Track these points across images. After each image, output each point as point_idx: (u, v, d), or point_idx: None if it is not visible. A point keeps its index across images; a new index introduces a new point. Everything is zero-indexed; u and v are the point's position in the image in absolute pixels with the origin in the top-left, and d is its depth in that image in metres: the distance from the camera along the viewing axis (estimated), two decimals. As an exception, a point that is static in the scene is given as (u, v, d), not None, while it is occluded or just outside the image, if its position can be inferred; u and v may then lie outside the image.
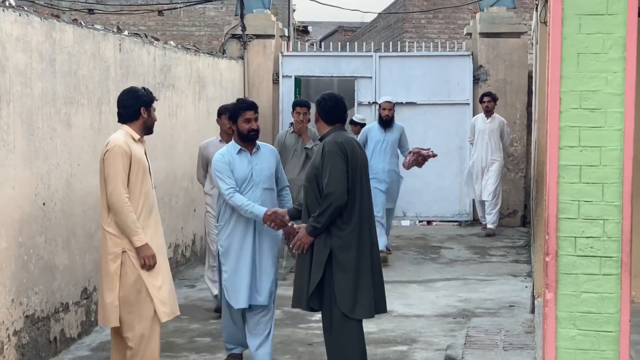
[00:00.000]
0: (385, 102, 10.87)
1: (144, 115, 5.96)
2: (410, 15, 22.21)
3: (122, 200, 5.70)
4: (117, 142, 5.77)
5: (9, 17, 6.08)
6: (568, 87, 4.79)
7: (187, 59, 10.66)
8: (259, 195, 6.31)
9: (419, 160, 10.44)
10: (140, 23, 20.58)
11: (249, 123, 6.34)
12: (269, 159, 6.47)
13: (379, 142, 10.68)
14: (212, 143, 7.96)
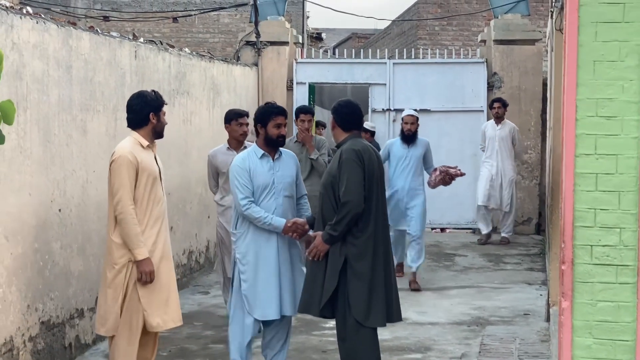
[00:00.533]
0: (407, 116, 10.07)
1: (153, 121, 5.86)
2: (424, 22, 22.20)
3: (127, 211, 5.63)
4: (122, 152, 5.69)
5: (26, 25, 6.12)
6: (584, 95, 4.78)
7: (201, 66, 10.69)
8: (280, 202, 6.15)
9: (445, 180, 9.68)
10: (155, 30, 20.66)
11: (279, 128, 6.17)
12: (290, 165, 6.30)
13: (402, 159, 9.94)
14: (220, 151, 7.77)
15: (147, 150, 5.82)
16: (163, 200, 5.87)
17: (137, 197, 5.68)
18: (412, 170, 9.95)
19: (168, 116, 9.28)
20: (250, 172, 6.10)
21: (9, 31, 5.86)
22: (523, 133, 13.99)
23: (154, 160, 5.85)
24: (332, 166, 5.86)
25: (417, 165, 9.98)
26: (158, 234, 5.80)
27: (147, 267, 5.67)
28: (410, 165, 9.94)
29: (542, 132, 13.80)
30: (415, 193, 9.95)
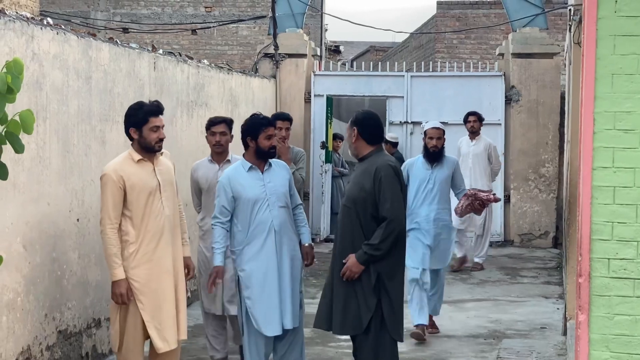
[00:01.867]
0: (432, 129, 8.17)
1: (134, 136, 5.67)
2: (442, 36, 22.22)
3: (105, 231, 5.56)
4: (107, 170, 5.62)
5: (46, 35, 6.18)
6: (602, 108, 4.77)
7: (220, 78, 10.74)
8: (276, 214, 6.04)
9: (475, 206, 8.08)
10: (174, 42, 20.78)
11: (270, 140, 6.10)
12: (281, 175, 6.19)
13: (424, 182, 8.05)
14: (202, 164, 7.04)
15: (141, 164, 5.65)
16: (163, 215, 5.67)
17: (129, 213, 5.57)
18: (438, 196, 8.05)
19: (185, 128, 9.38)
20: (233, 190, 6.03)
21: (29, 42, 5.92)
22: (540, 146, 13.96)
23: (150, 174, 5.66)
24: (361, 181, 5.71)
25: (444, 189, 8.12)
26: (155, 250, 5.64)
27: (118, 288, 5.56)
28: (435, 189, 8.04)
29: (560, 146, 13.76)
30: (441, 224, 8.07)
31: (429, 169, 8.06)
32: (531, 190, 14.04)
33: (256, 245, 6.00)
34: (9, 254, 5.63)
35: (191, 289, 8.72)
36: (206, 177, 6.85)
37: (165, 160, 5.86)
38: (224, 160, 6.90)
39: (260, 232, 6.02)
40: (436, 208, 8.03)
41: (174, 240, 5.75)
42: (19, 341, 5.84)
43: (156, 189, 5.63)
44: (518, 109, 14.03)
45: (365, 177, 5.70)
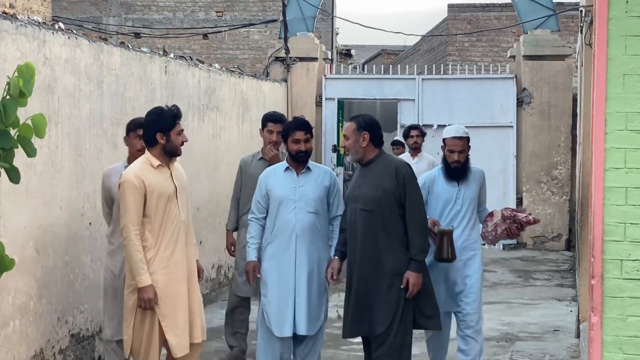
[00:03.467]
0: (453, 140, 6.40)
1: (161, 141, 5.49)
2: (454, 38, 22.20)
3: (129, 237, 5.42)
4: (127, 176, 5.47)
5: (58, 40, 6.20)
6: (613, 109, 4.75)
7: (231, 82, 10.76)
8: (301, 218, 5.97)
9: (513, 230, 6.44)
10: (185, 46, 20.84)
11: (297, 144, 6.02)
12: (319, 181, 6.07)
13: (450, 202, 6.40)
14: (116, 170, 6.09)
15: (159, 169, 5.54)
16: (178, 219, 5.59)
17: (148, 219, 5.48)
18: (467, 219, 6.45)
19: (197, 131, 9.40)
20: (266, 185, 6.07)
21: (41, 46, 5.94)
22: (553, 149, 13.92)
23: (168, 179, 5.57)
24: (380, 183, 5.69)
25: (473, 210, 6.51)
26: (172, 255, 5.55)
27: (146, 294, 5.41)
28: (463, 211, 6.44)
29: (572, 148, 13.72)
30: (470, 254, 6.44)
31: (454, 186, 6.41)
32: (544, 193, 14.01)
33: (277, 245, 6.01)
34: (21, 258, 5.65)
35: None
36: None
37: (178, 165, 5.81)
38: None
39: (282, 233, 6.00)
40: (465, 234, 6.40)
41: (188, 244, 5.70)
42: (32, 344, 5.86)
43: (173, 194, 5.56)
44: (530, 111, 14.00)
45: (383, 178, 5.68)
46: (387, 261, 5.67)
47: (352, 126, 5.82)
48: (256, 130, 11.82)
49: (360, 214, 5.71)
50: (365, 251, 5.69)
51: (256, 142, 9.88)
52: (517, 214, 6.49)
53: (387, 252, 5.67)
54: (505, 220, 6.44)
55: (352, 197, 5.83)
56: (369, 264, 5.69)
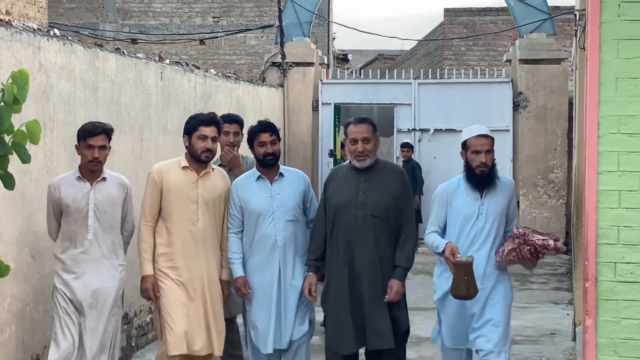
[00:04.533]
0: (478, 139, 5.44)
1: (185, 144, 5.69)
2: (450, 43, 22.24)
3: (139, 227, 5.64)
4: (153, 168, 5.73)
5: (53, 46, 6.22)
6: (606, 112, 4.78)
7: (227, 87, 10.77)
8: (281, 228, 5.64)
9: (524, 254, 5.30)
10: (182, 52, 20.85)
11: (263, 147, 5.68)
12: (294, 186, 5.75)
13: (472, 218, 5.41)
14: (66, 180, 5.64)
15: (185, 171, 5.64)
16: (196, 226, 5.60)
17: (163, 214, 5.64)
18: (491, 239, 5.43)
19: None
20: (239, 198, 5.72)
21: (36, 53, 5.96)
22: (549, 152, 13.94)
23: (191, 184, 5.61)
24: (389, 188, 5.49)
25: (499, 228, 5.46)
26: (182, 258, 5.59)
27: (144, 283, 5.60)
28: (487, 229, 5.43)
29: (569, 152, 13.75)
30: (495, 281, 5.44)
31: (477, 198, 5.43)
32: (540, 197, 14.03)
33: (258, 259, 5.69)
34: (17, 264, 5.65)
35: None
36: (74, 197, 5.57)
37: (217, 178, 5.76)
38: (99, 178, 5.68)
39: (263, 247, 5.68)
40: (489, 257, 5.41)
41: (207, 256, 5.66)
42: (28, 351, 5.86)
43: (193, 200, 5.59)
44: (526, 115, 14.03)
45: (391, 183, 5.50)
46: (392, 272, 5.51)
47: (370, 128, 5.52)
48: (253, 135, 11.85)
49: (370, 220, 5.42)
50: (375, 259, 5.44)
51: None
52: (534, 234, 5.27)
53: (392, 264, 5.50)
54: (515, 240, 5.28)
55: (355, 203, 5.44)
56: (380, 272, 5.45)
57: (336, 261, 5.51)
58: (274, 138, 5.73)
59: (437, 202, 5.54)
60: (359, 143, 5.46)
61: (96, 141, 5.54)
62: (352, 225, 5.44)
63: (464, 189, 5.49)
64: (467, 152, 5.48)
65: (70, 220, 5.57)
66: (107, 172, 5.73)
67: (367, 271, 5.43)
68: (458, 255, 5.23)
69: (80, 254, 5.56)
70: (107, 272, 5.62)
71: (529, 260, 5.38)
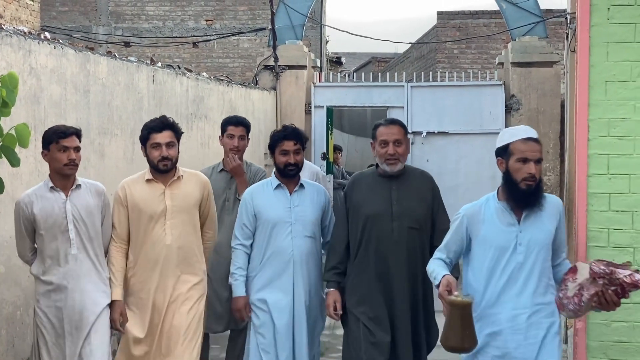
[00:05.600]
0: (525, 143, 4.31)
1: (144, 155, 5.22)
2: (443, 46, 22.26)
3: (109, 248, 5.18)
4: (119, 185, 5.27)
5: (44, 50, 6.21)
6: (596, 115, 4.80)
7: (219, 90, 10.77)
8: (298, 244, 5.16)
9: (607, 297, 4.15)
10: (175, 55, 20.85)
11: (286, 156, 5.21)
12: (315, 200, 5.27)
13: (507, 251, 4.31)
14: (38, 194, 5.07)
15: (150, 184, 5.17)
16: (163, 243, 5.12)
17: (131, 235, 5.19)
18: (535, 277, 4.30)
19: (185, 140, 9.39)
20: (254, 207, 5.24)
21: (27, 56, 5.95)
22: (542, 155, 13.93)
23: (157, 197, 5.14)
24: (422, 196, 5.01)
25: (544, 262, 4.33)
26: (148, 281, 5.14)
27: (112, 312, 5.07)
28: (529, 264, 4.29)
29: (561, 154, 13.76)
30: (543, 334, 4.28)
31: (513, 223, 4.29)
32: (533, 199, 14.03)
33: (268, 274, 5.19)
34: (8, 268, 5.64)
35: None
36: (50, 211, 5.02)
37: (188, 185, 5.26)
38: (73, 187, 5.12)
39: (276, 262, 5.18)
40: (533, 302, 4.27)
41: (177, 276, 5.17)
42: (19, 355, 5.85)
43: (160, 214, 5.11)
44: (518, 118, 14.03)
45: (424, 192, 5.03)
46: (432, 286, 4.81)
47: (401, 130, 5.03)
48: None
49: (407, 232, 4.92)
50: (413, 275, 4.96)
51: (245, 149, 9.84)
52: (617, 270, 4.13)
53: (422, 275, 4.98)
54: (597, 281, 4.12)
55: (390, 213, 4.93)
56: (417, 289, 5.01)
57: (367, 278, 4.97)
58: (299, 147, 5.24)
59: (455, 227, 4.45)
60: (390, 145, 4.94)
61: (70, 142, 4.98)
62: (388, 238, 4.90)
63: (495, 211, 4.29)
64: (508, 161, 4.30)
65: (49, 237, 5.01)
66: (80, 180, 5.16)
67: (404, 288, 4.94)
68: (455, 292, 4.14)
69: (68, 271, 5.02)
70: (95, 287, 5.08)
71: (614, 305, 4.12)
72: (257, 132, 12.70)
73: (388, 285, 4.94)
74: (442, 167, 12.96)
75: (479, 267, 4.35)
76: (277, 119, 13.97)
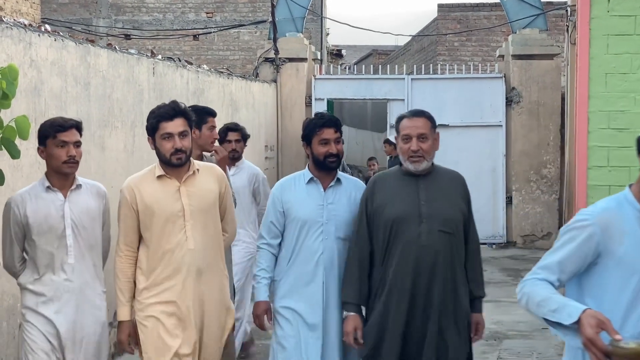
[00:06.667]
0: None
1: (152, 147, 4.47)
2: (444, 38, 22.25)
3: (116, 259, 4.50)
4: (123, 185, 4.51)
5: (44, 42, 6.21)
6: (596, 107, 4.81)
7: (219, 82, 10.77)
8: (329, 246, 4.56)
9: None
10: (175, 48, 20.83)
11: (326, 145, 4.60)
12: (351, 198, 4.63)
13: None
14: (32, 193, 4.56)
15: (162, 181, 4.43)
16: (184, 248, 4.37)
17: (144, 240, 4.47)
18: None
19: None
20: (283, 202, 4.65)
21: (27, 48, 5.95)
22: (542, 148, 13.96)
23: (172, 195, 4.41)
24: (453, 197, 4.46)
25: None
26: (170, 291, 4.39)
27: (120, 333, 4.44)
28: None
29: (562, 147, 13.77)
30: None
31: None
32: (533, 192, 14.05)
33: (297, 280, 4.62)
34: (8, 260, 5.64)
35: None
36: (45, 213, 4.48)
37: (205, 180, 4.53)
38: (73, 187, 4.60)
39: (304, 264, 4.61)
40: None
41: (206, 281, 4.45)
42: (21, 347, 5.86)
43: (177, 216, 4.38)
44: (519, 110, 14.05)
45: (455, 193, 4.49)
46: (463, 298, 4.42)
47: (428, 123, 4.45)
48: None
49: (437, 237, 4.33)
50: (446, 286, 4.35)
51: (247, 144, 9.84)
52: None
53: (462, 288, 4.43)
54: None
55: (418, 215, 4.36)
56: (449, 302, 4.38)
57: (397, 291, 4.36)
58: (339, 135, 4.66)
59: (580, 240, 3.18)
60: (413, 140, 4.38)
61: (70, 136, 4.47)
62: (415, 243, 4.32)
63: (637, 221, 3.14)
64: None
65: (42, 244, 4.47)
66: (80, 179, 4.64)
67: (440, 299, 4.34)
68: (617, 336, 2.80)
69: (63, 282, 4.47)
70: (91, 303, 4.56)
71: None
72: (257, 125, 12.71)
73: (418, 298, 4.33)
74: (443, 159, 12.77)
75: (613, 298, 3.15)
76: (278, 112, 13.98)
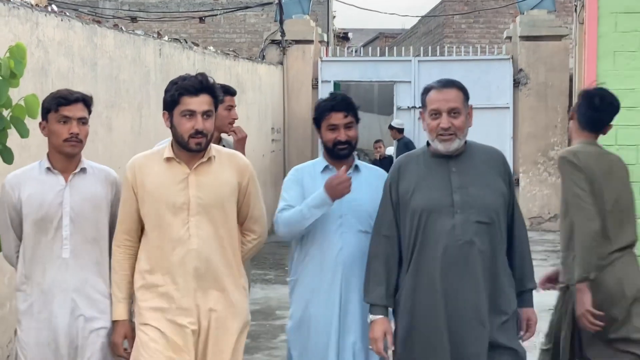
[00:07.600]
0: None
1: (167, 124, 3.82)
2: (451, 20, 22.18)
3: (113, 248, 3.90)
4: (128, 163, 3.91)
5: (51, 22, 6.21)
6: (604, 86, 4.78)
7: (226, 64, 10.76)
8: (349, 240, 4.02)
9: None
10: (181, 30, 20.79)
11: (335, 131, 4.08)
12: (372, 187, 4.05)
13: None
14: (29, 175, 4.01)
15: (170, 164, 3.80)
16: (186, 246, 3.74)
17: (146, 232, 3.86)
18: None
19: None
20: (301, 185, 4.12)
21: (34, 28, 5.95)
22: (549, 129, 13.93)
23: (180, 183, 3.77)
24: (491, 182, 3.81)
25: None
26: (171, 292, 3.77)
27: (114, 335, 3.87)
28: None
29: (569, 129, 13.75)
30: None
31: None
32: (540, 174, 14.03)
33: (312, 280, 4.11)
34: (17, 240, 5.66)
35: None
36: (41, 198, 3.90)
37: (221, 170, 3.85)
38: (76, 170, 4.01)
39: (318, 261, 4.09)
40: None
41: (206, 296, 3.80)
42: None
43: (181, 208, 3.76)
44: (526, 92, 14.01)
45: (494, 175, 3.84)
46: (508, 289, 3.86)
47: (460, 95, 3.85)
48: (253, 112, 11.85)
49: (475, 228, 3.71)
50: (487, 283, 3.76)
51: (252, 125, 9.86)
52: None
53: (506, 279, 3.86)
54: None
55: (450, 204, 3.74)
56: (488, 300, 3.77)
57: (426, 292, 3.75)
58: (351, 120, 4.08)
59: None
60: (443, 116, 3.75)
61: (74, 111, 3.93)
62: (448, 237, 3.71)
63: None
64: None
65: (35, 233, 3.88)
66: (86, 162, 4.05)
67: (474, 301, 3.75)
68: None
69: (55, 281, 3.87)
70: (91, 306, 3.89)
71: None
72: (264, 107, 12.70)
73: (452, 301, 3.73)
74: (450, 141, 12.95)
75: None
76: (284, 94, 13.97)
